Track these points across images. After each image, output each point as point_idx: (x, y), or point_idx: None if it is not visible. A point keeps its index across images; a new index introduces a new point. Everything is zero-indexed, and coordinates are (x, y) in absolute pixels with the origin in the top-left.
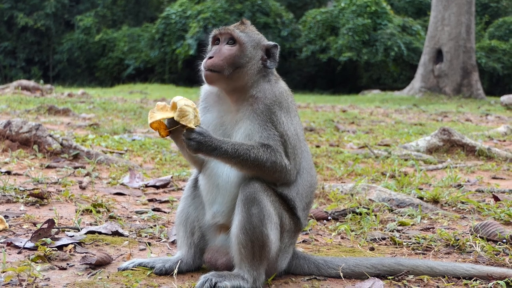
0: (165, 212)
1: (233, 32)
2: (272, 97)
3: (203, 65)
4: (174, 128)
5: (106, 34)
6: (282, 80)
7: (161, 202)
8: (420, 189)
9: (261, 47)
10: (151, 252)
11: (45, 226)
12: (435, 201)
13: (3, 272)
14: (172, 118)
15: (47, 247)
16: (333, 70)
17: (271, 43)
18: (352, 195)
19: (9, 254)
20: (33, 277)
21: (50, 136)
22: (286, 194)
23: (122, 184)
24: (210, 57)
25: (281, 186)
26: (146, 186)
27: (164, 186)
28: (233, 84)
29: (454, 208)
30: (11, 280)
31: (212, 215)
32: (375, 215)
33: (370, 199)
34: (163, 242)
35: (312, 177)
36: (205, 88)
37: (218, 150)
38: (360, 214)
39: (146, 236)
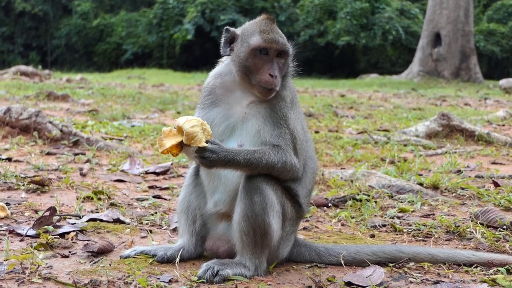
0: (165, 199)
1: (285, 47)
2: (291, 94)
3: (266, 83)
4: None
5: (103, 19)
6: None
7: (161, 189)
8: (420, 175)
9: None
10: (153, 240)
11: (47, 213)
12: (435, 187)
13: (6, 260)
14: (181, 141)
15: (49, 234)
16: (331, 54)
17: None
18: (352, 181)
19: (12, 242)
20: (36, 265)
21: (50, 122)
22: (289, 185)
23: (122, 170)
24: (273, 76)
25: (285, 181)
26: (146, 172)
27: (164, 172)
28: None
29: (454, 194)
30: (14, 268)
31: (213, 203)
32: (375, 202)
33: (370, 186)
34: (164, 229)
35: (314, 163)
36: (212, 82)
37: (231, 163)
38: (360, 200)
39: (147, 224)
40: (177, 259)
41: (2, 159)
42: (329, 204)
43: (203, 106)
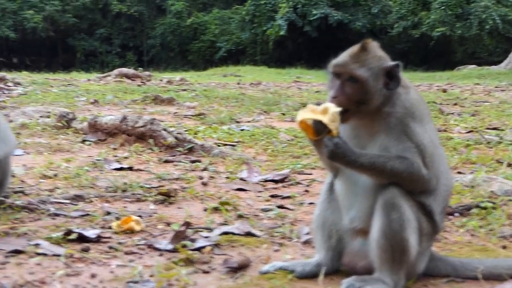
0: (289, 209)
1: (353, 72)
2: (403, 110)
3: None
4: (322, 135)
5: (197, 17)
6: (413, 87)
7: (283, 197)
8: None
9: (382, 73)
10: (286, 254)
11: (183, 228)
12: None
13: (151, 276)
14: (320, 121)
15: (187, 249)
16: (426, 46)
17: (391, 64)
18: (472, 187)
19: (151, 257)
20: (181, 281)
21: (165, 130)
22: (424, 200)
23: (241, 179)
24: (334, 97)
25: (419, 194)
26: (265, 180)
27: (282, 180)
28: (360, 115)
29: None
30: (162, 286)
31: (349, 219)
32: (502, 210)
33: (492, 192)
34: (295, 242)
35: (448, 181)
36: None
37: (354, 163)
38: (485, 208)
39: (277, 236)
40: (321, 277)
41: (124, 168)
42: (455, 213)
43: None
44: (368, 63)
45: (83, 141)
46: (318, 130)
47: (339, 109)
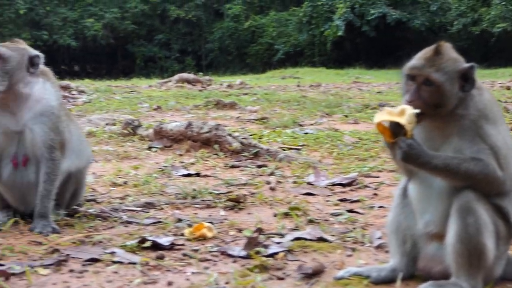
0: (359, 213)
1: (430, 76)
2: (476, 112)
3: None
4: (398, 138)
5: (254, 20)
6: (485, 89)
7: (352, 201)
8: None
9: (457, 76)
10: (360, 259)
11: (255, 234)
12: None
13: (227, 283)
14: (397, 123)
15: (260, 256)
16: (487, 43)
17: (466, 66)
18: None
19: (225, 264)
20: None
21: (229, 135)
22: (499, 203)
23: (308, 183)
24: (410, 101)
25: (494, 196)
26: (333, 184)
27: (350, 184)
28: (435, 117)
29: None
30: None
31: (424, 224)
32: None
33: None
34: (368, 246)
35: None
36: None
37: (428, 164)
38: None
39: (349, 241)
40: (398, 282)
41: (192, 175)
42: None
43: None
44: (444, 67)
45: (149, 148)
46: (395, 132)
47: (416, 110)
